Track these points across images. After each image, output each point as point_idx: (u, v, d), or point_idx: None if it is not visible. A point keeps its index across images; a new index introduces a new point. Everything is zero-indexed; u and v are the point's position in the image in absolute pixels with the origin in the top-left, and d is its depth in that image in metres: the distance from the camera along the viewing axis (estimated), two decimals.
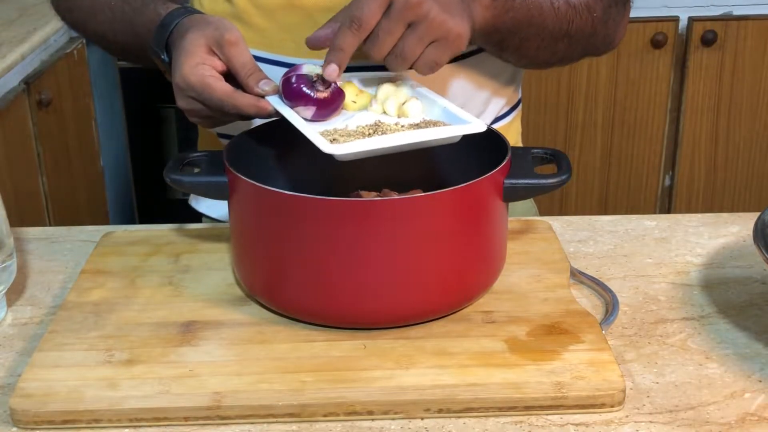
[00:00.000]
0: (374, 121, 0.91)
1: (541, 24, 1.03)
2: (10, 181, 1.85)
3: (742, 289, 0.97)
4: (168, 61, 0.99)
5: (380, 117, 0.92)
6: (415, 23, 0.89)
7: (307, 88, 0.90)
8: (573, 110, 2.37)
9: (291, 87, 0.90)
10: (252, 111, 0.93)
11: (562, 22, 1.05)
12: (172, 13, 1.00)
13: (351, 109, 0.94)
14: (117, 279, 0.97)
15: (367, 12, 0.88)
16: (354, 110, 0.94)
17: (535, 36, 1.04)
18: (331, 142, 0.86)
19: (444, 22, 0.89)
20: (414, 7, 0.88)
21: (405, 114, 0.92)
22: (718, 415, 0.78)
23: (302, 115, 0.90)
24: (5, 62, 1.83)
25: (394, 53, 0.90)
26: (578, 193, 2.46)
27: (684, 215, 1.12)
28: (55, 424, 0.78)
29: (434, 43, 0.90)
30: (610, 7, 1.09)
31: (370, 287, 0.85)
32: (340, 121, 0.91)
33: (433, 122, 0.91)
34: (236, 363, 0.83)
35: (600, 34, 1.09)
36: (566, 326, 0.87)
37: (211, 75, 0.93)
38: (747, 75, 2.33)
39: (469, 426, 0.78)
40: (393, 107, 0.93)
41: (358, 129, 0.90)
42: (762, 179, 2.44)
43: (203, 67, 0.93)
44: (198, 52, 0.94)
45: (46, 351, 0.85)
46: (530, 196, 0.93)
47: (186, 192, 0.94)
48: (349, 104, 0.93)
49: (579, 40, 1.08)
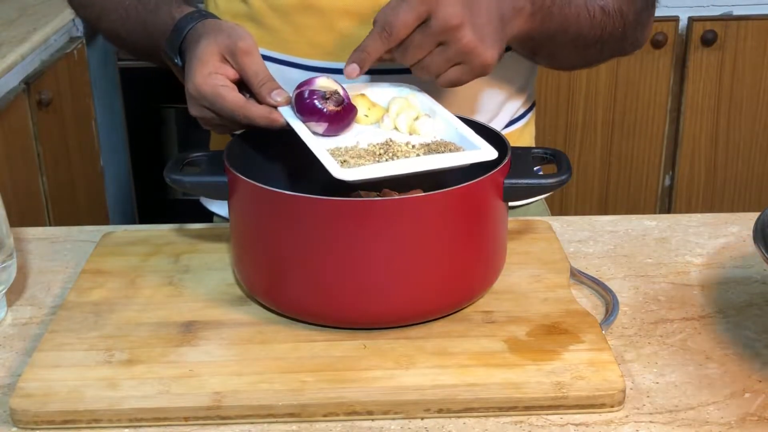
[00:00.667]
0: (385, 140, 0.90)
1: (577, 32, 1.04)
2: (10, 181, 1.85)
3: (742, 289, 0.97)
4: (181, 66, 0.98)
5: (391, 134, 0.91)
6: (446, 44, 0.89)
7: (319, 103, 0.89)
8: (573, 110, 2.37)
9: (303, 102, 0.89)
10: (263, 123, 0.92)
11: (596, 29, 1.05)
12: (186, 18, 0.99)
13: (363, 123, 0.93)
14: (117, 279, 0.97)
15: (401, 22, 0.87)
16: (366, 124, 0.93)
17: (569, 43, 1.05)
18: (341, 163, 0.85)
19: (474, 49, 0.89)
20: (450, 30, 0.87)
21: (416, 131, 0.91)
22: (718, 415, 0.78)
23: (314, 130, 0.90)
24: (5, 62, 1.83)
25: (420, 65, 0.90)
26: (578, 193, 2.46)
27: (684, 215, 1.12)
28: (55, 424, 0.78)
29: (460, 65, 0.90)
30: (641, 11, 1.09)
31: (370, 287, 0.85)
32: (351, 137, 0.91)
33: (444, 143, 0.90)
34: (236, 363, 0.83)
35: (630, 38, 1.10)
36: (566, 326, 0.87)
37: (223, 85, 0.92)
38: (747, 75, 2.33)
39: (469, 426, 0.78)
40: (404, 124, 0.92)
41: (369, 148, 0.89)
42: (762, 179, 2.44)
43: (216, 77, 0.92)
44: (211, 60, 0.93)
45: (46, 351, 0.85)
46: (530, 196, 0.93)
47: (186, 192, 0.94)
48: (361, 118, 0.93)
49: (610, 44, 1.08)
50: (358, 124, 0.93)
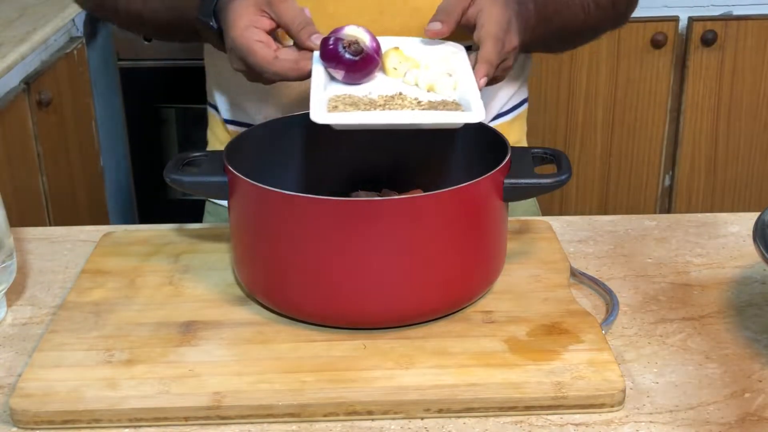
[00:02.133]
0: (395, 93, 0.91)
1: (574, 30, 1.10)
2: (10, 181, 1.85)
3: (742, 289, 0.97)
4: (216, 28, 0.99)
5: (405, 89, 0.92)
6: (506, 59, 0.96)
7: (339, 51, 0.91)
8: (573, 110, 2.37)
9: (327, 47, 0.91)
10: (294, 75, 0.94)
11: (590, 23, 1.11)
12: None
13: (392, 76, 0.94)
14: (117, 279, 0.97)
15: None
16: (395, 77, 0.94)
17: (564, 38, 1.11)
18: (332, 108, 0.86)
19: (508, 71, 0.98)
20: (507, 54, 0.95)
21: (434, 89, 0.92)
22: (718, 415, 0.78)
23: (333, 76, 0.92)
24: (5, 62, 1.83)
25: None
26: (578, 193, 2.46)
27: (684, 215, 1.12)
28: (55, 424, 0.78)
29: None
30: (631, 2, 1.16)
31: (370, 287, 0.85)
32: (366, 87, 0.92)
33: (449, 103, 0.90)
34: (236, 363, 0.83)
35: (620, 22, 1.17)
36: (566, 326, 0.87)
37: (258, 40, 0.94)
38: (747, 75, 2.33)
39: (469, 426, 0.78)
40: (424, 81, 0.92)
41: (375, 99, 0.90)
42: (762, 179, 2.44)
43: (252, 30, 0.94)
44: (247, 13, 0.95)
45: (46, 351, 0.85)
46: (530, 196, 0.93)
47: (186, 192, 0.94)
48: (390, 70, 0.94)
49: (601, 31, 1.16)
50: (387, 76, 0.94)
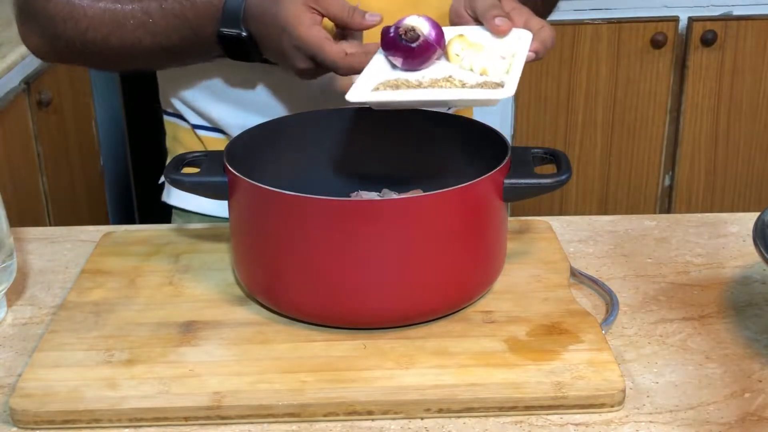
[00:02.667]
0: (445, 76, 0.92)
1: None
2: (10, 181, 1.85)
3: (742, 289, 0.97)
4: (247, 36, 0.99)
5: (457, 72, 0.93)
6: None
7: (397, 39, 0.93)
8: (573, 110, 2.37)
9: (387, 36, 0.94)
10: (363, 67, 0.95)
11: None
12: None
13: (454, 62, 0.95)
14: (117, 279, 0.97)
15: None
16: (457, 63, 0.95)
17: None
18: (375, 90, 0.89)
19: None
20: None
21: (486, 73, 0.93)
22: (718, 415, 0.78)
23: (394, 63, 0.94)
24: (5, 62, 1.83)
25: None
26: (578, 193, 2.46)
27: (684, 215, 1.12)
28: (55, 424, 0.78)
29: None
30: None
31: (370, 287, 0.85)
32: (422, 72, 0.94)
33: (491, 83, 0.91)
34: (236, 363, 0.83)
35: None
36: (566, 326, 0.87)
37: (327, 37, 0.95)
38: (747, 75, 2.33)
39: (469, 426, 0.78)
40: (478, 65, 0.93)
41: (426, 81, 0.92)
42: (762, 179, 2.44)
43: (317, 28, 0.95)
44: (303, 12, 0.95)
45: (46, 351, 0.85)
46: (530, 196, 0.93)
47: (186, 192, 0.94)
48: (452, 57, 0.95)
49: None
50: (450, 63, 0.95)
